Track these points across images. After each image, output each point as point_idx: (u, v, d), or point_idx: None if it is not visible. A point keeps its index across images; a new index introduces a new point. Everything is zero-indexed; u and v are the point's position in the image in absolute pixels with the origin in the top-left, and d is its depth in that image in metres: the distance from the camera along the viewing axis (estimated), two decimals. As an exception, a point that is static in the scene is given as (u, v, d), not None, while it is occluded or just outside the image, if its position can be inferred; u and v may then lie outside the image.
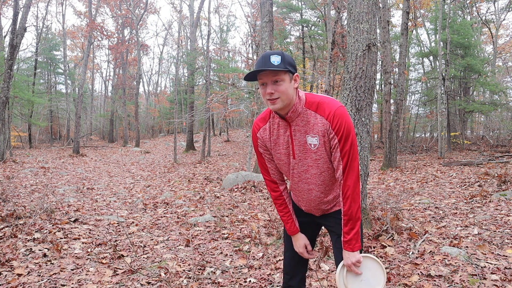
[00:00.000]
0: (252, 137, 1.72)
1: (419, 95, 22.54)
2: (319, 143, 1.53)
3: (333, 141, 1.51)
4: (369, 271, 1.59)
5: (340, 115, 1.48)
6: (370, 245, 3.50)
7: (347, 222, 1.54)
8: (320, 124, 1.51)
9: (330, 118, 1.48)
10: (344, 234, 1.56)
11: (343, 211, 1.55)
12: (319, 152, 1.55)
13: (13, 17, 11.16)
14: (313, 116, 1.52)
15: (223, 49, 26.07)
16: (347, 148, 1.50)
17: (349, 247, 1.55)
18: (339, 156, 1.52)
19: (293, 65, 1.47)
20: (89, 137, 28.14)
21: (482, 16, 18.64)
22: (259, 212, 5.31)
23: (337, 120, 1.47)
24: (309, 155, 1.58)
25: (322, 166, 1.59)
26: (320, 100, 1.52)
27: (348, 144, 1.49)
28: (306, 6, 20.24)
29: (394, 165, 10.05)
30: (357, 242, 1.54)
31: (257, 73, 1.46)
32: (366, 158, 3.68)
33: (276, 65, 1.42)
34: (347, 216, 1.54)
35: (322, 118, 1.50)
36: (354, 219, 1.53)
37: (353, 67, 3.63)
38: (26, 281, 2.78)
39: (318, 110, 1.51)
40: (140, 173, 10.98)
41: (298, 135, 1.56)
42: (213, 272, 3.10)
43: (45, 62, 24.39)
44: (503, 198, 5.10)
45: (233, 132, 28.78)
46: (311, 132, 1.53)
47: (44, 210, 4.57)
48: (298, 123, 1.55)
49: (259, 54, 10.81)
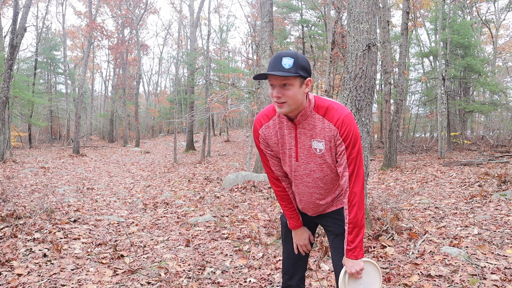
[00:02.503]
0: (253, 133, 1.69)
1: (419, 95, 22.55)
2: (325, 148, 1.52)
3: (339, 148, 1.50)
4: (367, 274, 1.60)
5: (349, 122, 1.47)
6: (370, 245, 3.50)
7: (352, 230, 1.53)
8: (327, 130, 1.49)
9: (338, 124, 1.47)
10: (348, 242, 1.54)
11: (349, 219, 1.53)
12: (324, 157, 1.54)
13: (13, 17, 11.16)
14: (321, 120, 1.50)
15: (223, 49, 26.08)
16: (354, 155, 1.49)
17: (353, 255, 1.54)
18: (346, 163, 1.51)
19: (306, 68, 1.41)
20: (89, 137, 28.13)
21: (482, 16, 18.64)
22: (259, 212, 5.31)
23: (345, 127, 1.46)
24: (313, 159, 1.56)
25: (326, 170, 1.58)
26: (329, 105, 1.49)
27: (355, 151, 1.49)
28: (306, 6, 20.24)
29: (394, 165, 10.05)
30: (361, 250, 1.54)
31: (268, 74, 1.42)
32: (366, 158, 3.68)
33: (286, 69, 1.37)
34: (353, 224, 1.53)
35: (330, 124, 1.48)
36: (359, 227, 1.53)
37: (353, 67, 3.63)
38: (26, 281, 2.78)
39: (327, 116, 1.49)
40: (140, 173, 10.98)
41: (303, 138, 1.54)
42: (213, 272, 3.10)
43: (45, 62, 24.38)
44: (503, 198, 5.10)
45: (233, 132, 28.77)
46: (318, 137, 1.51)
47: (44, 210, 4.57)
48: (304, 126, 1.53)
49: (259, 54, 10.79)
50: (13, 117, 17.45)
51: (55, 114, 26.07)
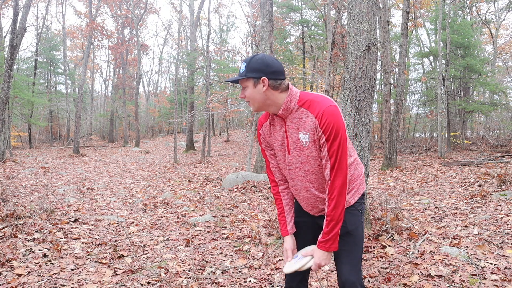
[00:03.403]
0: (257, 133, 1.80)
1: (419, 95, 22.56)
2: (309, 140, 1.55)
3: (321, 140, 1.52)
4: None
5: (329, 114, 1.47)
6: (370, 245, 3.50)
7: (329, 223, 1.54)
8: (310, 122, 1.53)
9: (318, 116, 1.49)
10: (323, 234, 1.56)
11: (327, 211, 1.54)
12: (310, 150, 1.57)
13: (13, 17, 11.16)
14: (305, 113, 1.54)
15: (223, 49, 26.08)
16: (335, 147, 1.49)
17: (325, 247, 1.55)
18: (327, 155, 1.52)
19: (258, 69, 1.51)
20: (89, 137, 28.14)
21: (482, 16, 18.64)
22: (259, 212, 5.31)
23: (325, 119, 1.47)
24: (302, 152, 1.60)
25: (314, 163, 1.60)
26: (313, 98, 1.54)
27: (336, 143, 1.49)
28: (306, 6, 20.24)
29: (394, 165, 10.05)
30: (334, 243, 1.55)
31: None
32: (366, 158, 3.68)
33: (240, 73, 1.55)
34: (330, 217, 1.53)
35: (312, 116, 1.52)
36: (336, 221, 1.53)
37: (353, 67, 3.63)
38: (26, 281, 2.78)
39: (310, 108, 1.53)
40: (140, 173, 10.98)
41: (291, 131, 1.60)
42: (213, 272, 3.10)
43: (45, 62, 24.38)
44: (503, 198, 5.10)
45: (233, 132, 28.77)
46: (303, 129, 1.56)
47: (44, 210, 4.57)
48: (291, 120, 1.59)
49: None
50: (13, 117, 17.45)
51: (55, 114, 26.07)
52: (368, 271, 2.93)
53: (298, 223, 1.81)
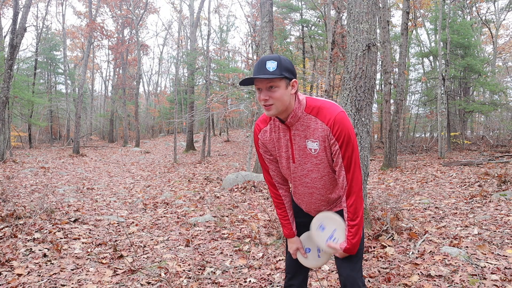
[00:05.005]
0: (254, 138, 1.73)
1: (419, 95, 22.55)
2: (319, 148, 1.52)
3: (334, 147, 1.49)
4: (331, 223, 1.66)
5: (341, 121, 1.46)
6: (370, 245, 3.50)
7: (352, 227, 1.54)
8: (320, 130, 1.49)
9: (330, 124, 1.46)
10: (348, 240, 1.56)
11: (348, 217, 1.54)
12: (320, 157, 1.54)
13: (13, 17, 11.16)
14: (314, 121, 1.50)
15: (223, 49, 26.08)
16: (349, 153, 1.48)
17: (352, 251, 1.57)
18: (341, 162, 1.50)
19: (290, 70, 1.44)
20: (89, 137, 28.13)
21: (482, 16, 18.65)
22: (259, 212, 5.31)
23: (337, 126, 1.45)
24: (309, 160, 1.57)
25: (323, 170, 1.58)
26: (321, 105, 1.50)
27: (350, 149, 1.48)
28: (306, 6, 20.23)
29: (394, 165, 10.05)
30: (356, 246, 1.56)
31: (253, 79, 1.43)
32: (366, 158, 3.68)
33: (271, 72, 1.39)
34: (353, 222, 1.53)
35: (322, 124, 1.48)
36: (359, 225, 1.53)
37: (353, 67, 3.63)
38: (26, 281, 2.78)
39: (319, 115, 1.49)
40: (140, 173, 10.98)
41: (298, 139, 1.55)
42: (213, 272, 3.10)
43: (45, 62, 24.38)
44: (503, 198, 5.10)
45: (233, 132, 28.77)
46: (311, 137, 1.52)
47: (44, 210, 4.57)
48: (298, 128, 1.53)
49: (259, 54, 10.79)
50: (13, 117, 17.45)
51: (55, 114, 26.07)
52: (368, 271, 2.93)
53: (297, 223, 1.81)
